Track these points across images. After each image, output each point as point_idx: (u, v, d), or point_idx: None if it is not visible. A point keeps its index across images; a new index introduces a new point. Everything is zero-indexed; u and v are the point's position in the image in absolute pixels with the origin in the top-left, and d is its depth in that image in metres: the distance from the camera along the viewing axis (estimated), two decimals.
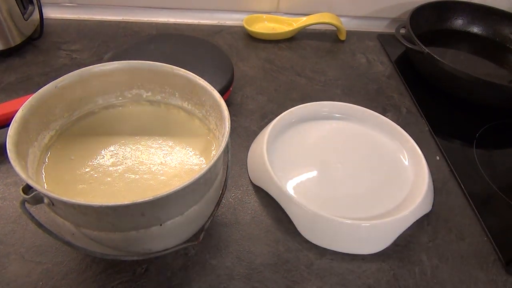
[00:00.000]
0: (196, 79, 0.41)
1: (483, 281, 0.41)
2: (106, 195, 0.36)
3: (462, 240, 0.45)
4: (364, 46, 0.77)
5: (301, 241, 0.43)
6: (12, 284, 0.37)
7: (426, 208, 0.47)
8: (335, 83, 0.66)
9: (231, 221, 0.44)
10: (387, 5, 0.80)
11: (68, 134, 0.41)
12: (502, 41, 0.77)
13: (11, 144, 0.32)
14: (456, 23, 0.79)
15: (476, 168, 0.53)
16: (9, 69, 0.60)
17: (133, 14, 0.76)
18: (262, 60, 0.69)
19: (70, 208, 0.31)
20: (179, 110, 0.45)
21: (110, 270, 0.39)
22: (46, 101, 0.38)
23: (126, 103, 0.45)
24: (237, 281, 0.39)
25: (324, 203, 0.46)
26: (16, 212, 0.43)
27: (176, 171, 0.39)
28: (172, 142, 0.42)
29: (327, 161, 0.51)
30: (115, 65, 0.42)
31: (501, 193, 0.50)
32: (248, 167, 0.50)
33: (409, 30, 0.66)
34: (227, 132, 0.35)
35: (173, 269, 0.40)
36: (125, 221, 0.32)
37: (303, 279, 0.40)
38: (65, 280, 0.38)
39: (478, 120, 0.61)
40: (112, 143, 0.41)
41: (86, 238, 0.33)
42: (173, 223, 0.34)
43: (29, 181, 0.29)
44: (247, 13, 0.77)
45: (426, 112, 0.62)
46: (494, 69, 0.73)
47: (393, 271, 0.41)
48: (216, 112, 0.40)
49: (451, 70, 0.59)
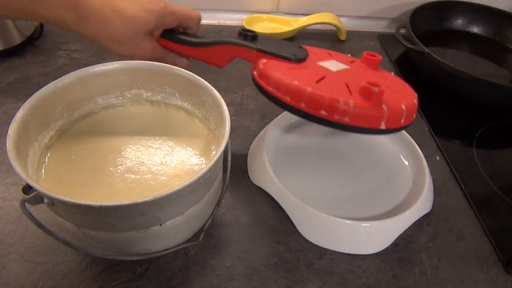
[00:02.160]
0: (196, 79, 0.41)
1: (483, 281, 0.41)
2: (106, 195, 0.36)
3: (462, 240, 0.45)
4: (364, 46, 0.77)
5: (301, 241, 0.43)
6: (12, 284, 0.37)
7: (426, 208, 0.47)
8: None
9: (231, 221, 0.44)
10: (387, 5, 0.80)
11: (68, 134, 0.41)
12: (502, 41, 0.77)
13: (11, 144, 0.32)
14: (456, 23, 0.79)
15: (476, 168, 0.53)
16: (9, 69, 0.60)
17: None
18: None
19: (70, 208, 0.31)
20: (179, 110, 0.45)
21: (110, 270, 0.39)
22: (46, 101, 0.38)
23: (126, 103, 0.45)
24: (237, 281, 0.39)
25: (324, 203, 0.46)
26: (16, 212, 0.43)
27: (176, 171, 0.39)
28: (172, 142, 0.42)
29: (327, 161, 0.51)
30: (115, 65, 0.42)
31: (501, 193, 0.50)
32: (248, 168, 0.50)
33: (409, 30, 0.66)
34: (227, 132, 0.35)
35: (173, 269, 0.40)
36: (125, 221, 0.32)
37: (303, 279, 0.40)
38: (65, 280, 0.38)
39: (478, 120, 0.61)
40: (112, 143, 0.41)
41: (86, 238, 0.33)
42: (173, 223, 0.34)
43: (29, 181, 0.29)
44: (247, 13, 0.77)
45: (426, 112, 0.62)
46: (494, 69, 0.73)
47: (393, 271, 0.41)
48: (216, 112, 0.40)
49: (451, 70, 0.59)
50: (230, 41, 0.45)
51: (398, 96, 0.42)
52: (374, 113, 0.38)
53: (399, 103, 0.40)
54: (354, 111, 0.38)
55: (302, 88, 0.39)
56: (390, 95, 0.40)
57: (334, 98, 0.38)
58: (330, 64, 0.45)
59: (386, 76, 0.47)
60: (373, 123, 0.39)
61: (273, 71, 0.41)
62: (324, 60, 0.46)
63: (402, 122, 0.41)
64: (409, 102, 0.41)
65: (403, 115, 0.40)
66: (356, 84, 0.40)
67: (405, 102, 0.41)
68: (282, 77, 0.40)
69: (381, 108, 0.38)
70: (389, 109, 0.38)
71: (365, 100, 0.38)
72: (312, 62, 0.44)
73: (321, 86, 0.39)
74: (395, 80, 0.47)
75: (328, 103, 0.38)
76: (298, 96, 0.39)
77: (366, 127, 0.39)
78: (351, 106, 0.37)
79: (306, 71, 0.43)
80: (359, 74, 0.45)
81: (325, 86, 0.40)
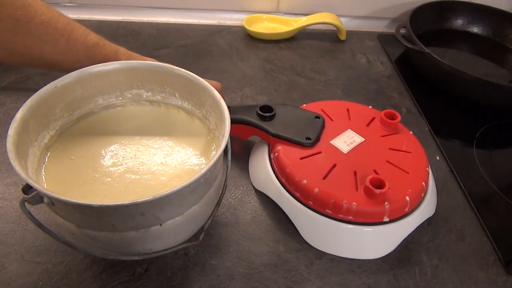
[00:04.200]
0: (196, 79, 0.41)
1: (483, 281, 0.41)
2: (106, 195, 0.36)
3: (462, 240, 0.45)
4: (364, 46, 0.77)
5: (301, 241, 0.43)
6: (12, 284, 0.37)
7: (429, 212, 0.46)
8: (335, 83, 0.66)
9: (231, 221, 0.44)
10: (387, 5, 0.80)
11: (68, 134, 0.41)
12: (502, 41, 0.77)
13: (11, 144, 0.32)
14: (456, 23, 0.79)
15: (476, 168, 0.53)
16: (9, 69, 0.60)
17: (133, 14, 0.76)
18: (262, 60, 0.69)
19: (70, 208, 0.31)
20: (179, 110, 0.45)
21: (110, 270, 0.39)
22: (46, 101, 0.38)
23: (126, 103, 0.45)
24: (237, 281, 0.39)
25: None
26: (16, 212, 0.43)
27: (176, 172, 0.39)
28: (172, 142, 0.42)
29: None
30: (115, 65, 0.42)
31: (501, 193, 0.50)
32: (250, 173, 0.49)
33: (409, 30, 0.66)
34: (227, 132, 0.35)
35: (173, 269, 0.40)
36: (125, 221, 0.32)
37: (303, 279, 0.40)
38: (65, 280, 0.38)
39: (478, 120, 0.61)
40: (112, 143, 0.41)
41: (86, 238, 0.33)
42: (173, 223, 0.34)
43: (29, 181, 0.29)
44: (247, 13, 0.77)
45: (426, 112, 0.62)
46: (494, 69, 0.73)
47: (393, 271, 0.41)
48: (216, 112, 0.40)
49: (451, 70, 0.59)
50: (250, 122, 0.48)
51: (405, 183, 0.43)
52: (376, 210, 0.40)
53: (403, 195, 0.41)
54: (357, 210, 0.40)
55: (310, 188, 0.41)
56: (395, 187, 0.41)
57: (338, 201, 0.40)
58: (344, 142, 0.46)
59: (402, 139, 0.48)
60: (375, 218, 0.41)
61: (286, 163, 0.44)
62: (338, 134, 0.47)
63: (406, 210, 0.42)
64: (415, 188, 0.43)
65: (406, 206, 0.42)
66: (366, 170, 0.43)
67: (411, 190, 0.42)
68: (293, 172, 0.43)
69: (383, 206, 0.40)
70: (391, 204, 0.40)
71: (368, 198, 0.40)
72: (325, 142, 0.46)
73: (329, 182, 0.42)
74: (410, 143, 0.48)
75: (333, 204, 0.40)
76: (306, 194, 0.42)
77: (370, 222, 0.41)
78: (354, 207, 0.40)
79: (318, 160, 0.44)
80: (373, 148, 0.46)
81: (333, 181, 0.42)
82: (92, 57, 0.43)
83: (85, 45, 0.42)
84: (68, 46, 0.41)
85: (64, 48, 0.41)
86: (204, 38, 0.73)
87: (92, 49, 0.43)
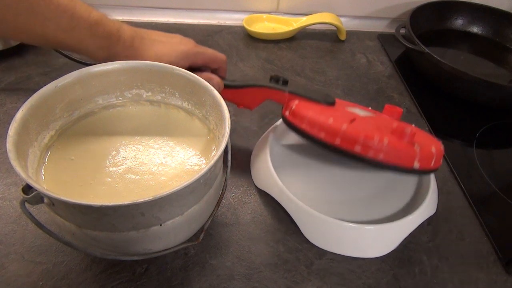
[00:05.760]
0: (196, 79, 0.41)
1: (483, 281, 0.41)
2: (106, 195, 0.36)
3: (462, 240, 0.45)
4: (364, 46, 0.77)
5: (301, 241, 0.43)
6: (12, 284, 0.37)
7: (431, 211, 0.46)
8: (335, 83, 0.66)
9: (231, 221, 0.44)
10: (387, 5, 0.80)
11: (68, 134, 0.41)
12: (502, 41, 0.77)
13: (11, 144, 0.32)
14: (456, 23, 0.79)
15: (476, 168, 0.53)
16: (9, 69, 0.60)
17: (133, 14, 0.76)
18: (262, 60, 0.69)
19: (70, 208, 0.31)
20: (179, 110, 0.45)
21: (110, 270, 0.39)
22: (46, 101, 0.38)
23: (126, 103, 0.45)
24: (237, 281, 0.39)
25: (329, 206, 0.45)
26: (16, 212, 0.43)
27: (177, 172, 0.39)
28: (172, 143, 0.42)
29: (331, 163, 0.51)
30: (115, 65, 0.42)
31: (501, 193, 0.50)
32: (252, 172, 0.49)
33: (409, 30, 0.66)
34: (227, 132, 0.35)
35: (173, 269, 0.40)
36: (125, 221, 0.32)
37: (303, 279, 0.40)
38: (65, 280, 0.38)
39: (478, 120, 0.61)
40: (112, 143, 0.41)
41: (86, 238, 0.33)
42: (173, 223, 0.34)
43: (29, 181, 0.29)
44: (247, 13, 0.77)
45: (426, 112, 0.62)
46: (494, 69, 0.73)
47: (393, 271, 0.41)
48: (216, 112, 0.40)
49: (451, 70, 0.59)
50: (263, 84, 0.47)
51: (427, 140, 0.43)
52: (408, 151, 0.39)
53: (429, 146, 0.41)
54: (389, 148, 0.39)
55: (337, 125, 0.40)
56: (420, 138, 0.41)
57: (369, 135, 0.39)
58: (357, 110, 0.47)
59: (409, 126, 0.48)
60: (407, 162, 0.40)
61: (306, 110, 0.43)
62: (351, 107, 0.48)
63: (432, 165, 0.42)
64: (437, 147, 0.43)
65: (433, 158, 0.41)
66: (385, 128, 0.42)
67: (434, 146, 0.42)
68: (316, 115, 0.42)
69: (413, 148, 0.40)
70: (421, 149, 0.40)
71: (398, 139, 0.39)
72: (341, 106, 0.46)
73: (355, 125, 0.41)
74: (419, 130, 0.48)
75: (363, 139, 0.39)
76: (333, 132, 0.40)
77: (400, 165, 0.40)
78: (386, 143, 0.39)
79: (338, 113, 0.44)
80: (386, 121, 0.46)
81: (358, 126, 0.41)
82: (95, 34, 0.42)
83: (89, 22, 0.41)
84: (72, 24, 0.41)
85: (68, 25, 0.40)
86: (204, 38, 0.73)
87: (96, 26, 0.42)
